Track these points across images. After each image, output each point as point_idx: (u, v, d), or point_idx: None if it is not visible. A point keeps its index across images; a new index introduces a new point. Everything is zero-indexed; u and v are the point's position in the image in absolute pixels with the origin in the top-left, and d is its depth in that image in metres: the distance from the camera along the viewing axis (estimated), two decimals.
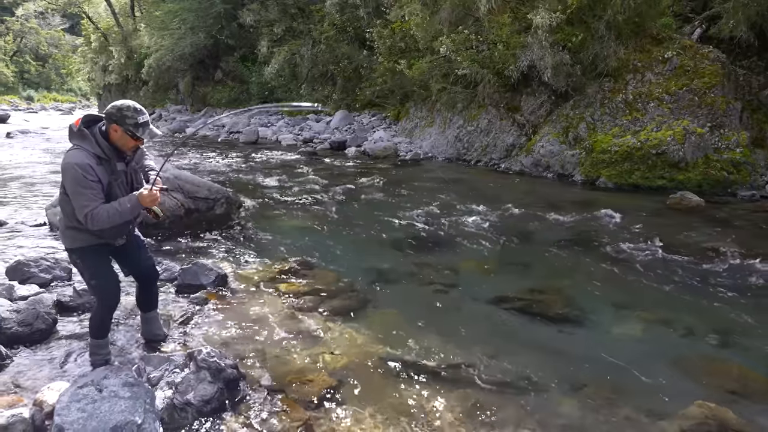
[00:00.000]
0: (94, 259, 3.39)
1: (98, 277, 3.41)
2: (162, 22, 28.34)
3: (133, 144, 3.23)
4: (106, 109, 3.19)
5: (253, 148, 17.67)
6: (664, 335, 4.42)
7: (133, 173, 3.42)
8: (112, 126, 3.15)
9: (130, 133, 3.14)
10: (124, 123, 3.12)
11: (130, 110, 3.14)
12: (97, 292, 3.47)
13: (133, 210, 3.17)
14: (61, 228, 3.38)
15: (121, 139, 3.17)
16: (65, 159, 3.11)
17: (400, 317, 4.63)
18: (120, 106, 3.15)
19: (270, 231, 7.24)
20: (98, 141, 3.15)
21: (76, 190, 3.05)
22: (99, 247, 3.39)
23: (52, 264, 5.20)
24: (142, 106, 3.30)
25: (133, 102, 3.23)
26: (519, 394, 3.47)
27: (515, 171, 11.79)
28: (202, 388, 3.18)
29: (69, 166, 3.06)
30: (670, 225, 7.32)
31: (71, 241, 3.34)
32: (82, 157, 3.07)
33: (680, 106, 10.31)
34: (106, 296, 3.46)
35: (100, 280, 3.42)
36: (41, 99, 59.81)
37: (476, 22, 13.34)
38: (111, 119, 3.14)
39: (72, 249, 3.36)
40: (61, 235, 3.45)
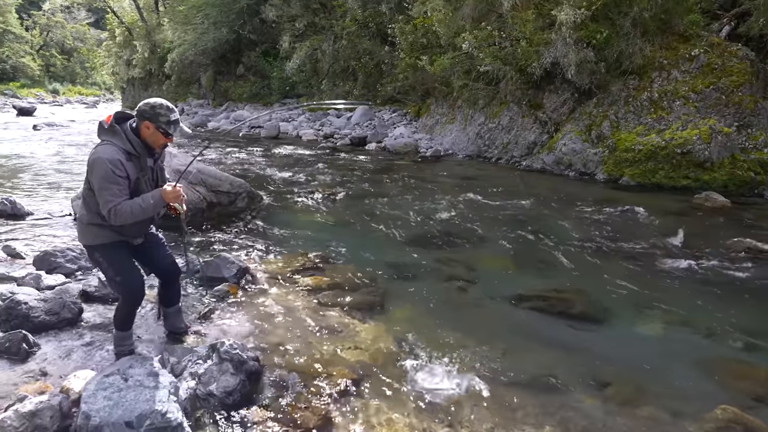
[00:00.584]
0: (116, 255, 3.39)
1: (123, 273, 3.41)
2: (185, 17, 28.60)
3: (164, 141, 3.27)
4: (138, 106, 3.21)
5: (274, 142, 17.77)
6: (688, 336, 4.36)
7: (159, 171, 3.47)
8: (144, 123, 3.18)
9: (162, 130, 3.18)
10: (157, 120, 3.16)
11: (162, 108, 3.17)
12: (122, 288, 3.45)
13: (156, 206, 3.20)
14: (82, 224, 3.35)
15: (152, 136, 3.21)
16: (95, 153, 3.12)
17: (421, 313, 4.63)
18: (153, 104, 3.18)
19: (290, 225, 7.28)
20: (129, 137, 3.18)
21: (103, 185, 3.07)
22: (119, 244, 3.40)
23: (77, 254, 5.29)
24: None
25: (165, 100, 3.26)
26: (540, 392, 3.45)
27: (536, 169, 11.70)
28: (224, 380, 3.22)
29: (99, 161, 3.08)
30: (694, 225, 7.22)
31: (93, 237, 3.33)
32: (113, 152, 3.10)
33: (707, 105, 10.13)
34: (132, 292, 3.47)
35: (125, 276, 3.42)
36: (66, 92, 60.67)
37: (499, 18, 13.24)
38: (144, 116, 3.17)
39: (93, 246, 3.35)
40: (80, 232, 3.41)
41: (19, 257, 5.46)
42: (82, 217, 3.34)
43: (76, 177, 10.63)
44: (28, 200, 8.16)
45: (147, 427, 2.68)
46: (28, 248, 5.77)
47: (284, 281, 5.19)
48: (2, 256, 5.43)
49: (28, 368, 3.45)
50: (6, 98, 45.74)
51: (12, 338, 3.59)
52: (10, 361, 3.49)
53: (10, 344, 3.56)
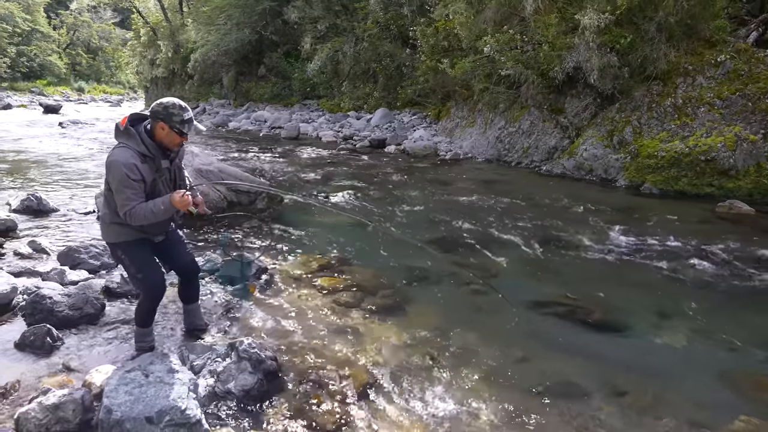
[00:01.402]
0: (138, 252, 3.45)
1: (144, 269, 3.47)
2: (209, 17, 28.88)
3: (179, 140, 3.31)
4: (151, 107, 3.25)
5: (294, 143, 17.87)
6: (709, 346, 4.30)
7: (177, 170, 3.51)
8: (158, 124, 3.22)
9: (176, 130, 3.23)
10: (171, 121, 3.20)
11: (175, 108, 3.21)
12: (143, 284, 3.51)
13: (166, 211, 3.24)
14: (105, 222, 3.42)
15: (167, 137, 3.25)
16: (111, 156, 3.18)
17: (438, 317, 4.62)
18: (166, 104, 3.22)
19: (309, 226, 7.32)
20: (143, 139, 3.23)
21: (119, 188, 3.14)
22: (141, 241, 3.47)
23: (100, 251, 5.38)
24: (187, 102, 3.36)
25: (178, 99, 3.30)
26: (558, 399, 3.43)
27: (557, 174, 11.61)
28: (242, 378, 3.25)
29: (115, 164, 3.13)
30: (717, 234, 7.10)
31: (115, 235, 3.40)
32: (128, 156, 3.15)
33: (732, 112, 9.97)
34: (153, 288, 3.53)
35: (146, 273, 3.48)
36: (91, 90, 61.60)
37: (522, 21, 13.17)
38: (157, 117, 3.21)
39: (116, 243, 3.42)
40: (103, 230, 3.47)
41: (44, 252, 5.57)
42: (105, 216, 3.41)
43: (100, 174, 10.79)
44: (53, 196, 8.31)
45: (166, 422, 2.72)
46: (52, 244, 5.88)
47: (302, 281, 5.23)
48: (28, 251, 5.54)
49: (51, 362, 3.52)
50: (33, 96, 46.68)
51: (36, 332, 3.66)
52: (34, 355, 3.58)
53: (35, 338, 3.64)
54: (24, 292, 4.29)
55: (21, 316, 4.03)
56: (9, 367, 3.41)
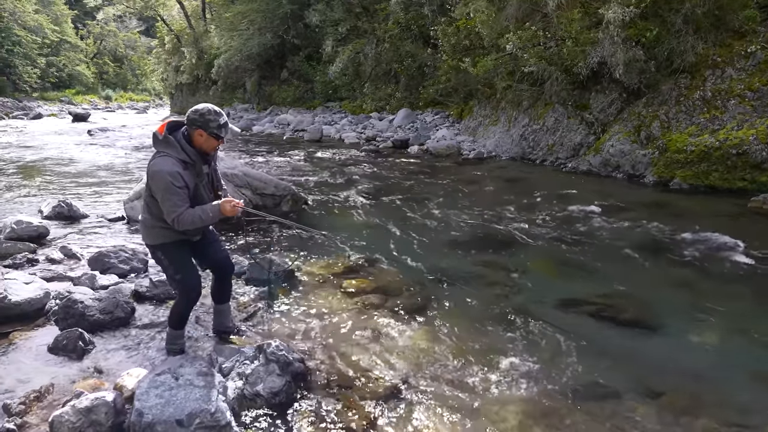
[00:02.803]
0: (177, 254, 3.54)
1: (183, 271, 3.55)
2: (231, 23, 29.22)
3: (217, 144, 3.39)
4: (187, 115, 3.32)
5: (317, 146, 17.95)
6: (745, 346, 4.17)
7: (214, 173, 3.60)
8: (196, 131, 3.30)
9: (214, 135, 3.31)
10: (208, 127, 3.28)
11: (211, 114, 3.28)
12: (181, 286, 3.59)
13: (214, 218, 3.35)
14: (146, 226, 3.50)
15: (206, 143, 3.33)
16: (154, 166, 3.25)
17: (466, 318, 4.57)
18: (202, 111, 3.29)
19: (334, 228, 7.33)
20: (183, 147, 3.29)
21: (165, 196, 3.22)
22: (180, 243, 3.54)
23: (129, 255, 5.46)
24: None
25: (211, 105, 3.36)
26: (591, 400, 3.36)
27: (582, 171, 11.44)
28: (270, 381, 3.25)
29: (159, 174, 3.21)
30: (751, 229, 6.91)
31: (155, 237, 3.48)
32: (171, 165, 3.22)
33: (764, 104, 9.69)
34: (190, 290, 3.61)
35: (185, 275, 3.56)
36: (118, 98, 62.80)
37: (544, 18, 13.03)
38: (195, 125, 3.28)
39: (156, 245, 3.50)
40: (144, 233, 3.56)
41: (75, 258, 5.67)
42: (146, 220, 3.49)
43: (128, 180, 10.98)
44: (83, 203, 8.47)
45: (197, 425, 2.74)
46: (83, 249, 5.99)
47: (328, 283, 5.23)
48: (60, 256, 5.65)
49: (83, 365, 3.57)
50: (63, 105, 47.76)
51: (69, 336, 3.72)
52: (67, 358, 3.63)
53: (68, 342, 3.70)
54: (56, 297, 4.38)
55: (53, 321, 4.10)
56: (43, 371, 3.46)
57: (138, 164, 13.57)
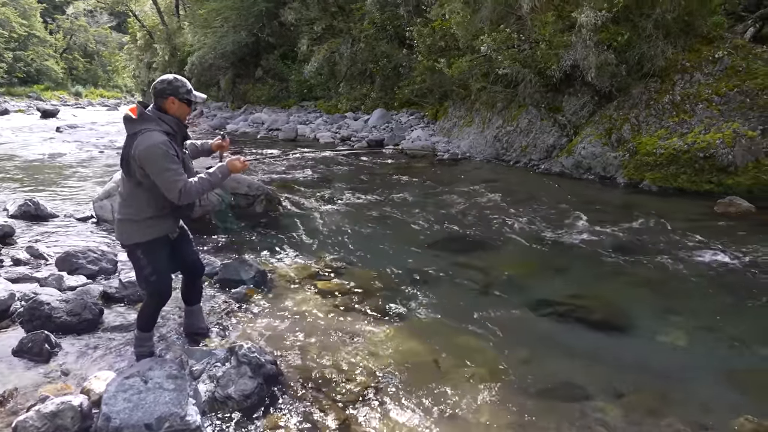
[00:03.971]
0: (157, 254, 3.43)
1: (158, 272, 3.46)
2: (205, 20, 28.86)
3: (188, 111, 3.37)
4: (155, 88, 3.28)
5: (292, 145, 17.86)
6: (712, 345, 4.28)
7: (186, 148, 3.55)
8: (168, 100, 3.27)
9: (186, 101, 3.32)
10: (178, 93, 3.28)
11: (178, 81, 3.31)
12: (154, 287, 3.49)
13: (223, 178, 3.38)
14: (131, 221, 3.33)
15: (178, 110, 3.31)
16: (141, 143, 3.11)
17: (439, 319, 4.60)
18: (170, 80, 3.29)
19: (308, 228, 7.30)
20: (162, 118, 3.24)
21: (164, 167, 3.10)
22: (161, 242, 3.44)
23: (98, 256, 5.35)
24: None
25: (173, 74, 3.37)
26: (560, 400, 3.40)
27: (555, 172, 11.58)
28: (242, 383, 3.22)
29: (152, 147, 3.09)
30: (717, 231, 7.08)
31: (137, 235, 3.34)
32: (158, 135, 3.14)
33: (730, 108, 9.95)
34: (162, 291, 3.54)
35: (161, 276, 3.48)
36: (89, 95, 61.52)
37: (518, 20, 13.15)
38: (165, 93, 3.26)
39: (137, 243, 3.36)
40: (123, 231, 3.39)
41: (42, 258, 5.54)
42: (126, 217, 3.34)
43: (98, 179, 10.77)
44: (51, 202, 8.28)
45: (166, 429, 2.70)
46: (50, 249, 5.85)
47: (302, 285, 5.20)
48: (26, 256, 5.51)
49: (49, 369, 3.49)
50: (30, 101, 46.61)
51: (35, 339, 3.64)
52: (32, 362, 3.54)
53: (33, 344, 3.61)
54: (21, 299, 4.27)
55: (19, 323, 4.01)
56: (6, 375, 3.37)
57: (108, 162, 13.32)
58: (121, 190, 3.38)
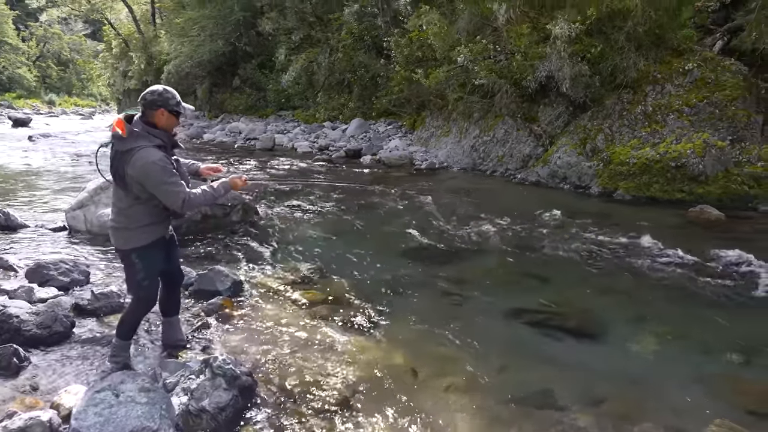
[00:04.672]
0: (152, 258, 3.45)
1: (151, 277, 3.49)
2: (182, 29, 28.68)
3: (176, 123, 3.38)
4: (145, 99, 3.26)
5: (270, 155, 17.77)
6: (685, 351, 4.35)
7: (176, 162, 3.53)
8: (158, 111, 3.27)
9: (174, 112, 3.33)
10: (168, 104, 3.28)
11: (168, 92, 3.30)
12: (145, 292, 3.50)
13: (225, 193, 3.49)
14: (128, 229, 3.34)
15: (167, 122, 3.33)
16: (137, 162, 3.12)
17: (416, 328, 4.60)
18: (160, 91, 3.28)
19: (285, 238, 7.26)
20: (152, 132, 3.24)
21: (164, 181, 3.15)
22: (157, 245, 3.47)
23: (70, 267, 5.25)
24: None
25: (162, 85, 3.38)
26: (535, 407, 3.43)
27: (531, 182, 11.72)
28: (217, 395, 3.18)
29: (149, 165, 3.11)
30: (689, 239, 7.22)
31: (134, 240, 3.35)
32: (155, 152, 3.17)
33: (700, 119, 10.19)
34: (152, 297, 3.57)
35: (153, 281, 3.52)
36: (62, 103, 60.65)
37: (494, 32, 13.34)
38: (156, 105, 3.25)
39: (133, 249, 3.37)
40: (120, 237, 3.39)
41: (11, 270, 5.42)
42: (121, 224, 3.35)
43: (71, 189, 10.59)
44: (22, 212, 8.12)
45: None
46: (21, 260, 5.73)
47: (279, 295, 5.16)
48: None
49: (18, 383, 3.41)
50: (2, 109, 45.73)
51: (2, 352, 3.55)
52: (0, 376, 3.45)
53: (1, 358, 3.52)
54: None
55: None
56: None
57: (82, 172, 13.11)
58: (116, 201, 3.37)
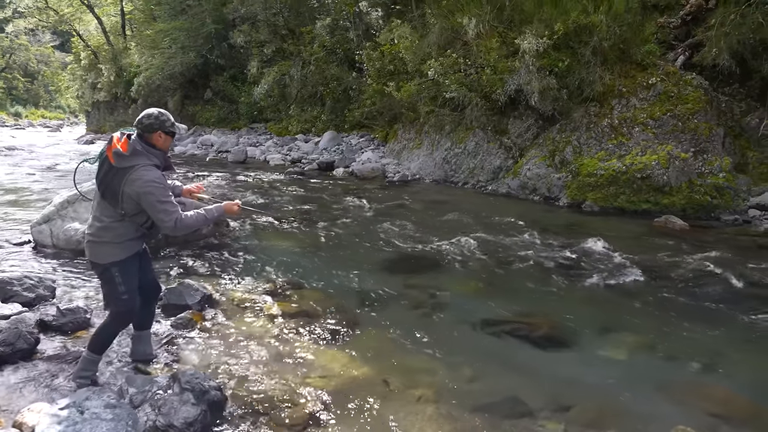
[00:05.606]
0: (131, 272, 3.48)
1: (131, 290, 3.49)
2: (153, 41, 28.39)
3: (171, 142, 3.54)
4: (142, 123, 3.36)
5: (242, 167, 17.65)
6: (650, 358, 4.45)
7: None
8: (156, 134, 3.39)
9: (170, 133, 3.46)
10: (164, 126, 3.40)
11: (163, 115, 3.42)
12: (125, 305, 3.50)
13: (219, 217, 3.58)
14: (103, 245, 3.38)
15: (164, 143, 3.45)
16: (137, 180, 3.23)
17: (388, 339, 4.62)
18: (156, 114, 3.38)
19: (257, 251, 7.22)
20: (150, 152, 3.35)
21: (161, 200, 3.26)
22: (135, 258, 3.50)
23: (35, 282, 5.14)
24: (131, 125, 3.48)
25: (155, 108, 3.48)
26: (505, 416, 3.47)
27: (502, 193, 11.87)
28: (185, 410, 3.15)
29: (149, 183, 3.23)
30: (655, 248, 7.39)
31: (114, 254, 3.39)
32: (154, 172, 3.30)
33: (664, 131, 10.47)
34: (131, 311, 3.57)
35: (132, 294, 3.51)
36: (29, 115, 59.47)
37: (464, 46, 13.52)
38: (153, 128, 3.37)
39: (112, 263, 3.39)
40: (99, 252, 3.41)
41: None
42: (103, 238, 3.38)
43: (37, 203, 10.37)
44: None
45: None
46: None
47: (250, 308, 5.13)
48: None
49: None
50: None
51: None
52: None
53: None
54: None
55: None
56: None
57: (48, 186, 12.85)
58: (100, 216, 3.39)
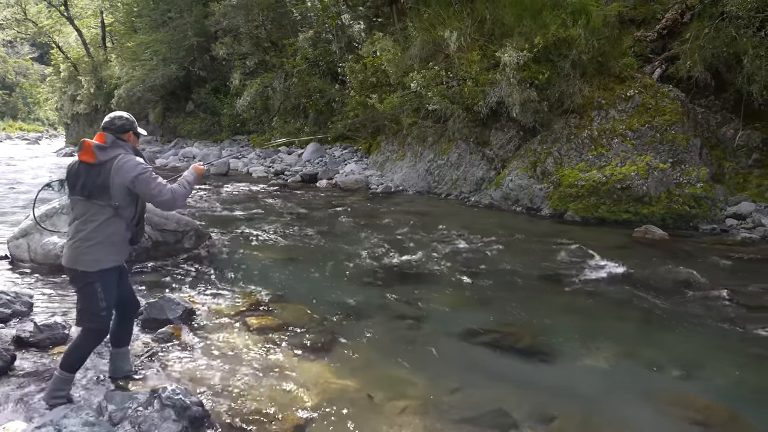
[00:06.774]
0: (112, 285, 3.45)
1: (110, 307, 3.46)
2: (133, 53, 28.25)
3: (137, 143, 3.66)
4: (114, 125, 3.50)
5: (224, 179, 17.55)
6: (631, 367, 4.48)
7: None
8: (128, 134, 3.55)
9: (137, 134, 3.65)
10: (134, 127, 3.59)
11: (131, 117, 3.62)
12: (101, 323, 3.47)
13: (197, 179, 3.74)
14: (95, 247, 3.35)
15: (134, 142, 3.63)
16: (124, 166, 3.34)
17: (371, 352, 4.60)
18: (125, 116, 3.58)
19: (239, 264, 7.17)
20: (127, 145, 3.52)
21: (152, 178, 3.40)
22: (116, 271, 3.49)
23: (12, 298, 5.04)
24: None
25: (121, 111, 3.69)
26: (489, 427, 3.47)
27: (485, 204, 11.93)
28: (166, 427, 3.10)
29: (137, 167, 3.37)
30: (635, 258, 7.47)
31: (101, 262, 3.36)
32: (138, 158, 3.46)
33: (643, 143, 10.64)
34: (106, 328, 3.55)
35: (110, 312, 3.48)
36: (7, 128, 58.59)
37: (446, 58, 13.65)
38: (126, 128, 3.54)
39: (98, 271, 3.36)
40: (90, 258, 3.36)
41: None
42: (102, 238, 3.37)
43: (13, 217, 10.20)
44: None
45: None
46: None
47: (232, 322, 5.08)
48: None
49: None
50: None
51: None
52: None
53: None
54: None
55: None
56: None
57: (24, 199, 12.65)
58: (90, 218, 3.36)
